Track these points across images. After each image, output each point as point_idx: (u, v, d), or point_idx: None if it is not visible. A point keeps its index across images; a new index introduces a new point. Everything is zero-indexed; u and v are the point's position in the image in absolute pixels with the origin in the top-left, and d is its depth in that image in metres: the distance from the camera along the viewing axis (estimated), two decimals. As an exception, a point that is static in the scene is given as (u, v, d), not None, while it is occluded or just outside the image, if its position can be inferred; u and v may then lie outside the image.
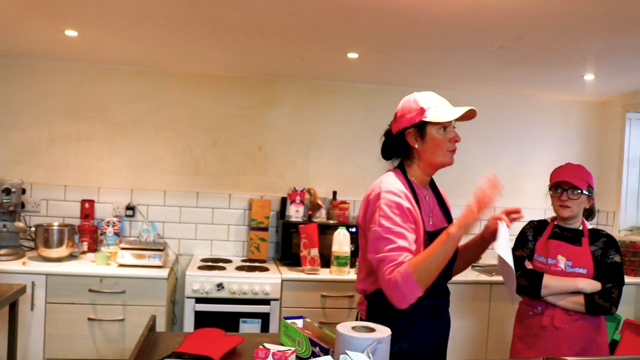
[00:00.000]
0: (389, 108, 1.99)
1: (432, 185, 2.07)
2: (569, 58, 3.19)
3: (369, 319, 1.91)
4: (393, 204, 1.81)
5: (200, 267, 3.63)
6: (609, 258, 2.45)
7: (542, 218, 2.69)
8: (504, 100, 4.47)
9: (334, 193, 4.16)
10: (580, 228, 2.53)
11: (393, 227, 1.78)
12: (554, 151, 4.53)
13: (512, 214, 1.88)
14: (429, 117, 1.86)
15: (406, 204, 1.82)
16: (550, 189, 2.56)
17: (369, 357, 1.41)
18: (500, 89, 4.28)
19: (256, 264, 3.85)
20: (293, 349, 1.54)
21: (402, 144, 1.94)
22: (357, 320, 2.04)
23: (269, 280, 3.51)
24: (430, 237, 1.86)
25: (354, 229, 3.74)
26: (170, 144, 4.08)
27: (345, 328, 1.56)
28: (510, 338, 2.67)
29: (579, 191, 2.45)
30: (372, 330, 1.56)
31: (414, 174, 1.96)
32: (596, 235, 2.52)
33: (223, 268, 3.67)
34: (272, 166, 4.21)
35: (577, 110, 4.59)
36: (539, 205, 4.39)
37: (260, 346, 1.51)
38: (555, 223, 2.58)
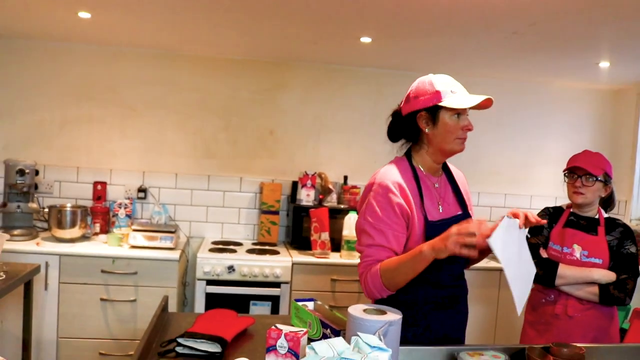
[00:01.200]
0: (401, 93, 1.95)
1: (447, 170, 2.00)
2: (583, 45, 3.14)
3: None
4: (382, 199, 1.79)
5: (211, 250, 3.66)
6: (625, 249, 2.42)
7: (557, 205, 2.66)
8: (517, 87, 4.43)
9: (345, 177, 4.16)
10: (597, 217, 2.50)
11: (375, 223, 1.78)
12: (566, 139, 4.50)
13: (529, 219, 1.68)
14: (445, 102, 1.77)
15: (397, 200, 1.78)
16: (565, 174, 2.53)
17: (380, 339, 1.42)
18: (513, 76, 4.25)
19: (267, 247, 3.87)
20: (305, 329, 1.55)
21: (412, 127, 1.87)
22: None
23: (280, 263, 3.53)
24: (434, 227, 1.79)
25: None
26: (182, 127, 4.10)
27: (356, 310, 1.57)
28: (519, 325, 2.67)
29: (594, 178, 2.41)
30: (383, 313, 1.57)
31: (422, 160, 1.90)
32: (612, 224, 2.49)
33: (234, 251, 3.70)
34: (283, 150, 4.21)
35: (591, 98, 4.54)
36: (550, 193, 4.40)
37: (273, 327, 1.53)
38: (571, 210, 2.55)
